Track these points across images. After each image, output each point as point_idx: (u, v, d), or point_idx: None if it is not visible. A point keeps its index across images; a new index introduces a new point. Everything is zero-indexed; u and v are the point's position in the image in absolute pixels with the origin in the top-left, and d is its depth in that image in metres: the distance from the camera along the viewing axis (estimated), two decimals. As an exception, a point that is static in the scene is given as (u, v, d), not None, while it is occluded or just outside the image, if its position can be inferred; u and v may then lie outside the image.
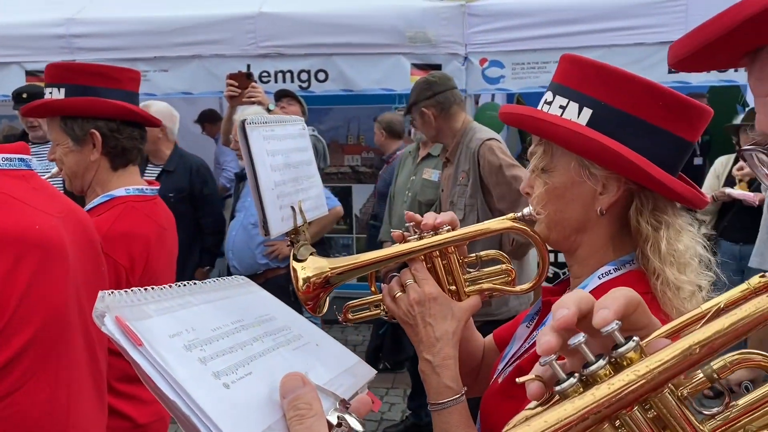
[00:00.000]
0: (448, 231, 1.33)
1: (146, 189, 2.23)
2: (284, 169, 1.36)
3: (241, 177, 4.67)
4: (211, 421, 0.69)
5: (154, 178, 4.38)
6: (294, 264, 1.37)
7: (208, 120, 7.95)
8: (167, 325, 0.78)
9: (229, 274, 4.60)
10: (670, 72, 4.90)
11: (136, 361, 0.71)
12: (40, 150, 4.47)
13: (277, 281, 4.00)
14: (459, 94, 3.87)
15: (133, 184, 2.19)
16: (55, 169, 2.19)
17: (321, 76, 5.66)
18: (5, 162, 1.28)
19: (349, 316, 1.45)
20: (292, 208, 1.38)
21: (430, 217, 1.34)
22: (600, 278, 1.24)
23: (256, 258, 4.22)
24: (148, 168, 4.59)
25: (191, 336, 0.79)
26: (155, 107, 4.39)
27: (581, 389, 0.63)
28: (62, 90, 2.06)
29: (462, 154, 3.69)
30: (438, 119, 3.72)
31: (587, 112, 1.20)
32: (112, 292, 0.75)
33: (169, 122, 4.53)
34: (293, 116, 1.51)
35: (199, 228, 4.65)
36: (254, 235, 4.17)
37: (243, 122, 1.22)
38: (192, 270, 4.70)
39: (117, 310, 0.73)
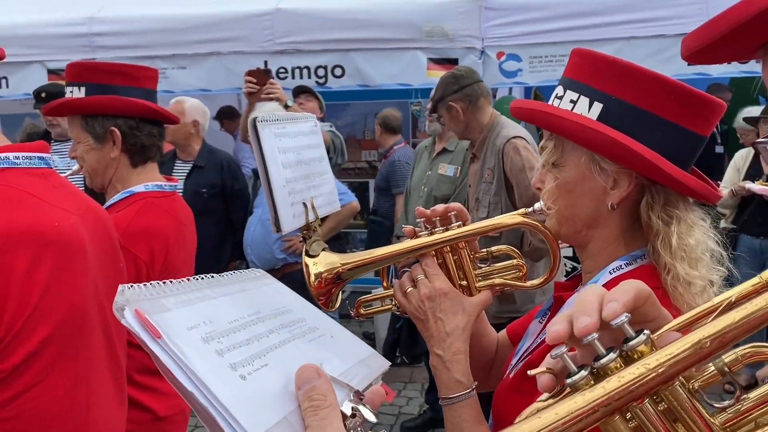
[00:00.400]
0: (459, 226, 1.34)
1: (165, 185, 2.26)
2: (296, 166, 1.37)
3: (258, 173, 4.71)
4: (227, 412, 0.71)
5: (184, 174, 4.44)
6: (306, 259, 1.39)
7: (227, 117, 8.01)
8: (185, 317, 0.80)
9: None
10: (690, 64, 4.84)
11: (155, 353, 0.73)
12: (63, 147, 4.54)
13: (294, 276, 4.03)
14: (486, 87, 3.80)
15: (152, 181, 2.23)
16: (76, 167, 2.23)
17: (338, 71, 5.67)
18: (25, 160, 1.30)
19: (362, 310, 1.47)
20: (304, 204, 1.40)
21: (439, 207, 1.35)
22: (611, 273, 1.24)
23: (274, 253, 4.26)
24: (177, 164, 4.63)
25: (209, 328, 0.81)
26: (188, 103, 4.46)
27: (592, 382, 0.64)
28: (83, 89, 2.09)
29: (488, 150, 3.63)
30: (466, 113, 3.66)
31: (598, 107, 1.20)
32: (131, 286, 0.77)
33: (202, 118, 4.60)
34: (305, 113, 1.53)
35: (231, 222, 4.67)
36: (272, 231, 4.21)
37: (254, 120, 1.23)
38: (225, 264, 4.74)
39: (136, 303, 0.75)
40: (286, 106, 4.30)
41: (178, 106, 4.50)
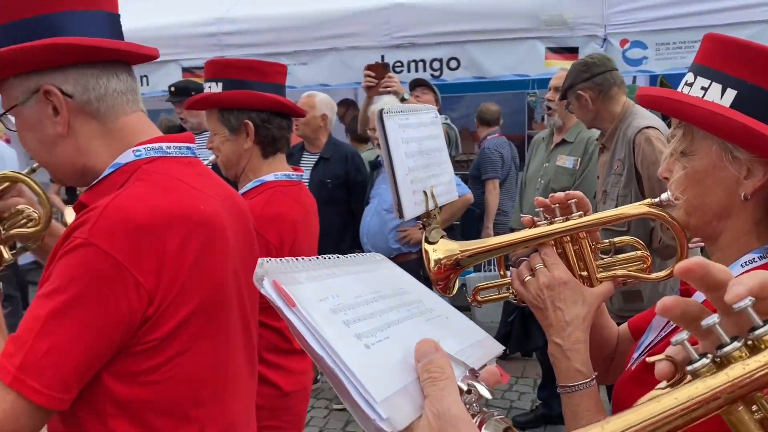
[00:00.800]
0: (579, 216, 1.33)
1: (292, 175, 2.40)
2: (417, 155, 1.42)
3: (374, 165, 4.83)
4: (354, 376, 0.77)
5: (311, 165, 4.65)
6: (426, 246, 1.44)
7: (349, 106, 8.22)
8: (315, 290, 0.87)
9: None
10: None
11: (289, 320, 0.80)
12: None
13: (408, 265, 4.10)
14: (619, 76, 3.65)
15: (280, 170, 2.37)
16: (212, 157, 2.41)
17: (453, 64, 5.68)
18: (175, 150, 1.45)
19: (479, 297, 1.50)
20: (425, 192, 1.44)
21: (559, 194, 1.35)
22: (743, 266, 1.19)
23: (389, 243, 4.36)
24: (304, 156, 4.86)
25: (336, 301, 0.87)
26: (318, 97, 4.67)
27: (714, 370, 0.62)
28: (220, 84, 2.26)
29: (619, 140, 3.49)
30: (596, 102, 3.54)
31: (731, 93, 1.15)
32: (269, 260, 0.85)
33: (330, 113, 4.80)
34: (426, 105, 1.57)
35: (352, 212, 4.83)
36: (388, 221, 4.31)
37: (381, 112, 1.30)
38: (345, 252, 4.87)
39: (274, 275, 0.83)
40: (403, 99, 4.38)
41: (309, 100, 4.72)
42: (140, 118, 1.46)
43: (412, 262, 4.25)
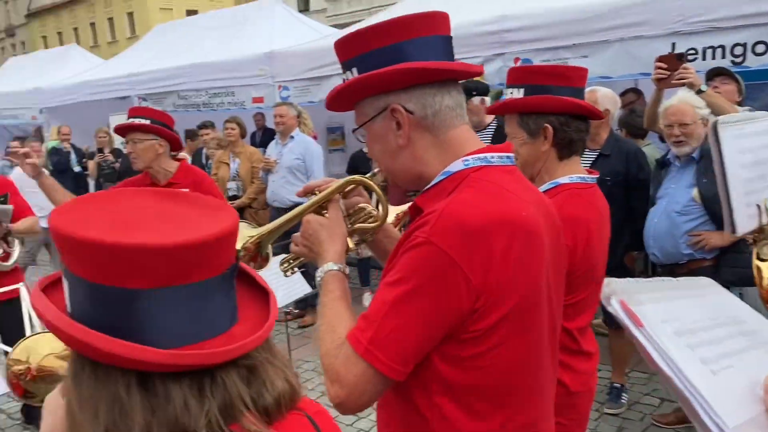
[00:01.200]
0: None
1: (587, 177, 2.40)
2: (752, 166, 1.35)
3: (662, 164, 4.53)
4: (704, 400, 0.79)
5: (590, 161, 4.58)
6: (757, 263, 1.36)
7: (640, 95, 7.77)
8: (657, 312, 0.91)
9: (645, 260, 4.54)
10: None
11: (637, 339, 0.85)
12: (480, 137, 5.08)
13: (701, 273, 3.79)
14: None
15: (575, 173, 2.38)
16: (511, 159, 2.51)
17: (759, 48, 5.04)
18: (498, 159, 1.57)
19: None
20: (758, 206, 1.36)
21: None
22: None
23: (679, 247, 4.07)
24: (584, 152, 4.78)
25: (677, 324, 0.90)
26: (601, 92, 4.58)
27: None
28: (521, 90, 2.35)
29: None
30: None
31: None
32: (615, 280, 0.91)
33: (613, 108, 4.68)
34: (764, 112, 1.47)
35: (630, 211, 4.64)
36: (679, 224, 4.03)
37: (715, 122, 1.26)
38: (622, 252, 4.71)
39: (621, 295, 0.89)
40: (699, 92, 4.05)
41: (591, 95, 4.60)
42: (466, 130, 1.61)
43: (706, 270, 3.91)
